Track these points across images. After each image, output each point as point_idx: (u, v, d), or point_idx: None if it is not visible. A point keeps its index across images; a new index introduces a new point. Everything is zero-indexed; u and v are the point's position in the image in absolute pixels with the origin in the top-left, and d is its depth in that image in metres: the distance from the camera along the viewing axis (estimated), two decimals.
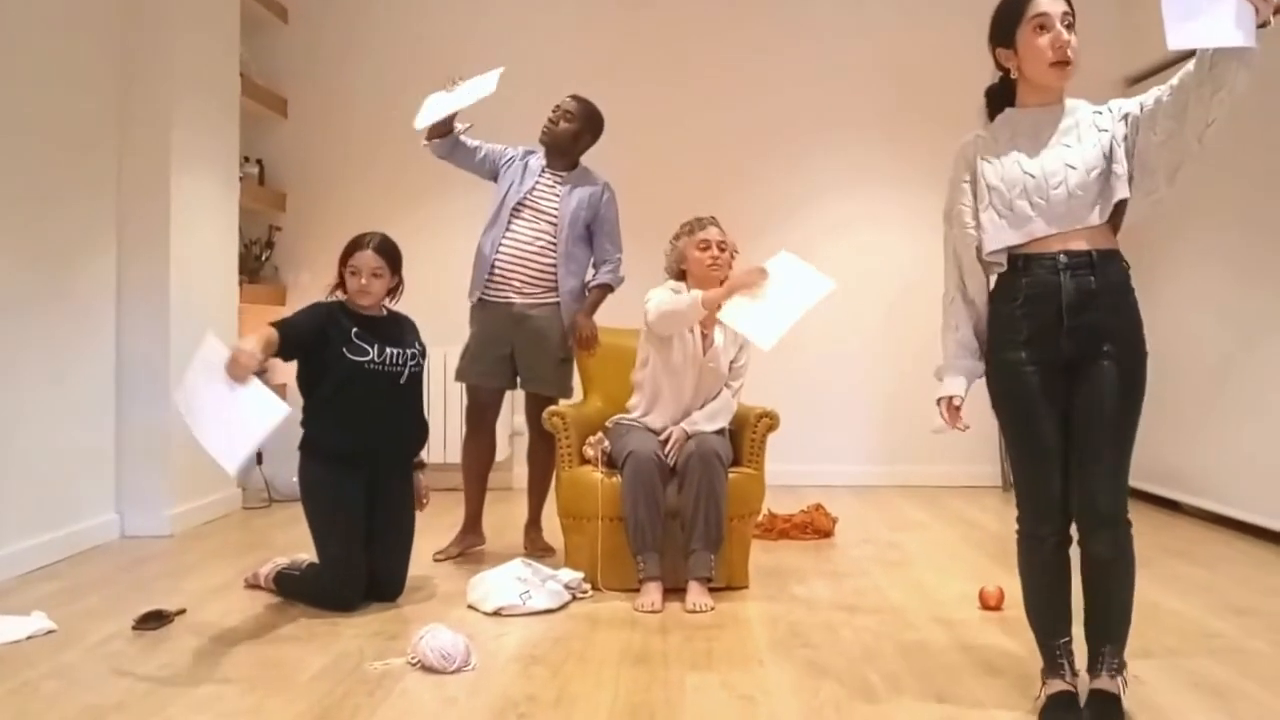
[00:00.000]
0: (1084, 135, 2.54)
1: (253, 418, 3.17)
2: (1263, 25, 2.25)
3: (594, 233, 4.54)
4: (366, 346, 3.65)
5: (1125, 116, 2.52)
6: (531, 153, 4.61)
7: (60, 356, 4.38)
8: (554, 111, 4.54)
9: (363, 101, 6.57)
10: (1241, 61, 2.27)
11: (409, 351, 3.77)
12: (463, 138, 4.55)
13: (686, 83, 6.57)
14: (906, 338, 6.52)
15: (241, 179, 5.79)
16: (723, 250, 4.00)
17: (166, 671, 2.94)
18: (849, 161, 6.62)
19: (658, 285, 4.09)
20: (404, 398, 3.78)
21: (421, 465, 3.97)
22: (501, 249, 4.47)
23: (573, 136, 4.53)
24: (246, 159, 6.07)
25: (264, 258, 6.32)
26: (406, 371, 3.74)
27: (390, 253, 3.77)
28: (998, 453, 6.46)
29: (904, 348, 6.53)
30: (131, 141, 4.85)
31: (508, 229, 4.48)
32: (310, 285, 6.32)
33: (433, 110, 4.41)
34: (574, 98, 4.57)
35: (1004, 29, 2.58)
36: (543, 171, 4.55)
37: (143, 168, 4.86)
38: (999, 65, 2.63)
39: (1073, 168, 2.50)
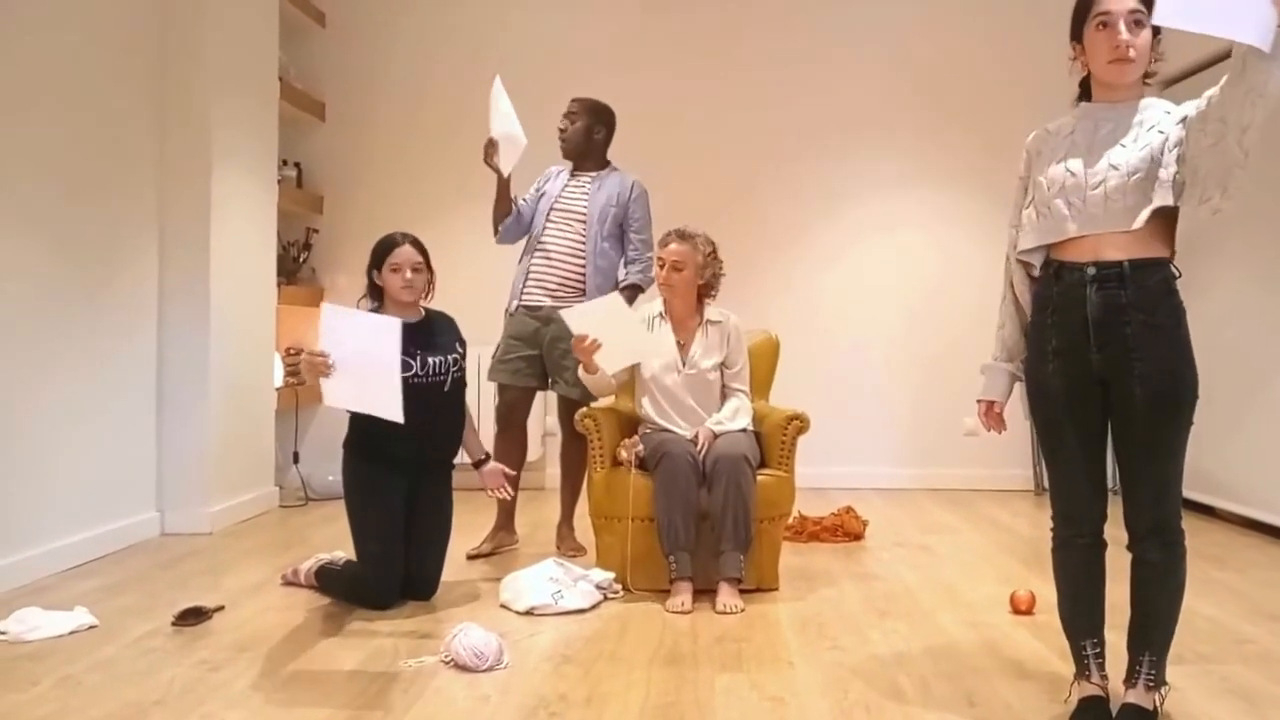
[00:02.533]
0: (1141, 137, 2.45)
1: (383, 352, 3.25)
2: None
3: (624, 230, 4.57)
4: (409, 360, 3.61)
5: (1183, 119, 2.42)
6: (564, 170, 4.68)
7: (102, 356, 4.46)
8: (561, 120, 4.62)
9: (400, 105, 6.63)
10: (1271, 61, 2.16)
11: (451, 358, 3.77)
12: (517, 205, 4.61)
13: (721, 82, 6.58)
14: (936, 340, 6.52)
15: (280, 181, 5.87)
16: (677, 270, 4.01)
17: (205, 667, 2.99)
18: (878, 165, 6.60)
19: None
20: (449, 403, 3.80)
21: (488, 457, 4.00)
22: (536, 254, 4.55)
23: (584, 132, 4.58)
24: (285, 162, 6.14)
25: (302, 259, 6.39)
26: (449, 379, 3.76)
27: (423, 247, 3.81)
28: (1030, 456, 6.43)
29: (933, 350, 6.52)
30: (171, 144, 4.93)
31: (542, 235, 4.55)
32: (347, 287, 6.39)
33: (507, 148, 4.42)
34: (574, 100, 4.64)
35: (1075, 24, 2.52)
36: (572, 176, 4.62)
37: (183, 170, 4.94)
38: (1075, 58, 2.56)
39: (1115, 169, 2.43)
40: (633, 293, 4.54)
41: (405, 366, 3.60)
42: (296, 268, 6.33)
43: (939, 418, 6.52)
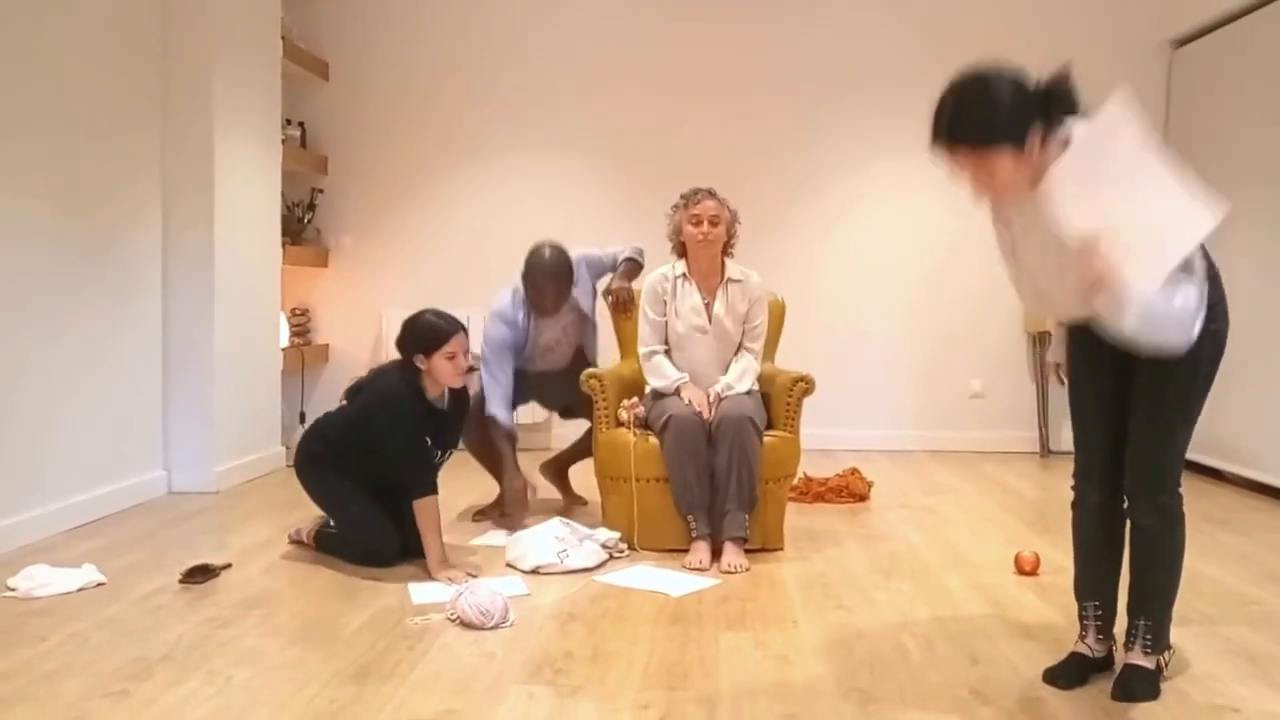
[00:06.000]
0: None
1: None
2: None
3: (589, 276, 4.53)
4: (437, 451, 3.65)
5: None
6: (521, 299, 4.37)
7: (108, 316, 4.46)
8: (537, 294, 4.28)
9: (403, 64, 6.58)
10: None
11: (450, 451, 3.75)
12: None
13: (731, 44, 6.51)
14: (944, 302, 6.49)
15: (284, 141, 5.83)
16: (715, 225, 3.95)
17: (212, 624, 3.01)
18: (889, 127, 6.53)
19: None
20: None
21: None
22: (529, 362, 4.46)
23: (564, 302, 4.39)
24: (289, 122, 6.11)
25: (306, 220, 6.37)
26: (440, 465, 3.75)
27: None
28: (1036, 418, 6.42)
29: (941, 312, 6.50)
30: (174, 103, 4.89)
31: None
32: (352, 248, 6.40)
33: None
34: (548, 275, 4.25)
35: None
36: (533, 320, 4.39)
37: (186, 130, 4.91)
38: None
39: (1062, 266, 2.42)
40: (633, 265, 4.55)
41: (434, 456, 3.64)
42: (301, 228, 6.31)
43: (946, 380, 6.51)
